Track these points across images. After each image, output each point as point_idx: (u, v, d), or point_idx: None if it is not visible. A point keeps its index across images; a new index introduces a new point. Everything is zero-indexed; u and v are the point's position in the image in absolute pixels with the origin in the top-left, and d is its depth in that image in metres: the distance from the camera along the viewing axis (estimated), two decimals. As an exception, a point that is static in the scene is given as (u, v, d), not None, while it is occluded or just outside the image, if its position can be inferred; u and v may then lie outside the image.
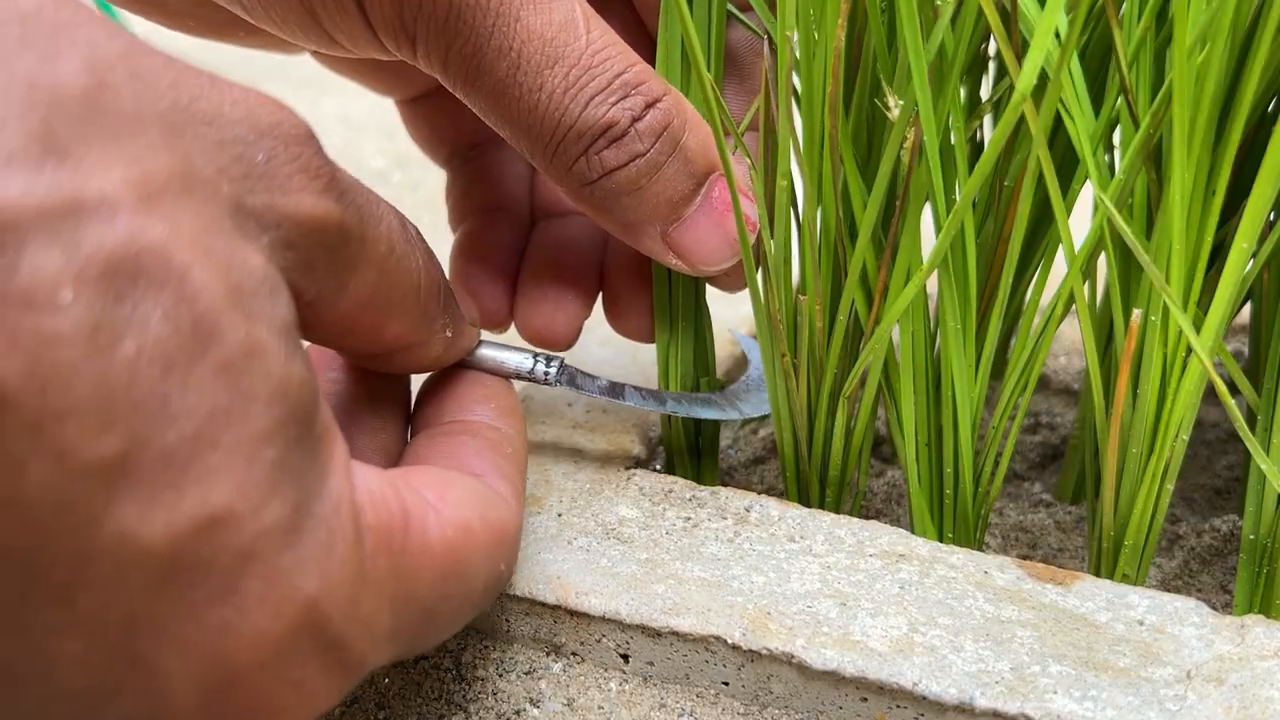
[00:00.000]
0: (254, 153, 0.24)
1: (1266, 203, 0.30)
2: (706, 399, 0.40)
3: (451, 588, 0.28)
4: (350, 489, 0.25)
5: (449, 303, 0.33)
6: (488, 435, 0.34)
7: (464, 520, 0.28)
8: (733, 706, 0.34)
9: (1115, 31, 0.31)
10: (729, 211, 0.35)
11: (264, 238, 0.24)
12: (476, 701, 0.35)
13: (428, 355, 0.33)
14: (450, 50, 0.32)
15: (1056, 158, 0.38)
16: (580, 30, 0.32)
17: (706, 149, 0.35)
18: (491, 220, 0.42)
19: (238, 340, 0.22)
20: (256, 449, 0.22)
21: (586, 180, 0.34)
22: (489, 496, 0.30)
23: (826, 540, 0.37)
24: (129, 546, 0.21)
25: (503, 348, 0.37)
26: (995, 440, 0.37)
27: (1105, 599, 0.34)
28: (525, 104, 0.33)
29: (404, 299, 0.30)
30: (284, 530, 0.23)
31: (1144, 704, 0.30)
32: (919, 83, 0.31)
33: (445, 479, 0.29)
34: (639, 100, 0.33)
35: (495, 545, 0.29)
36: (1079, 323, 0.34)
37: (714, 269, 0.36)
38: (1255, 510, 0.35)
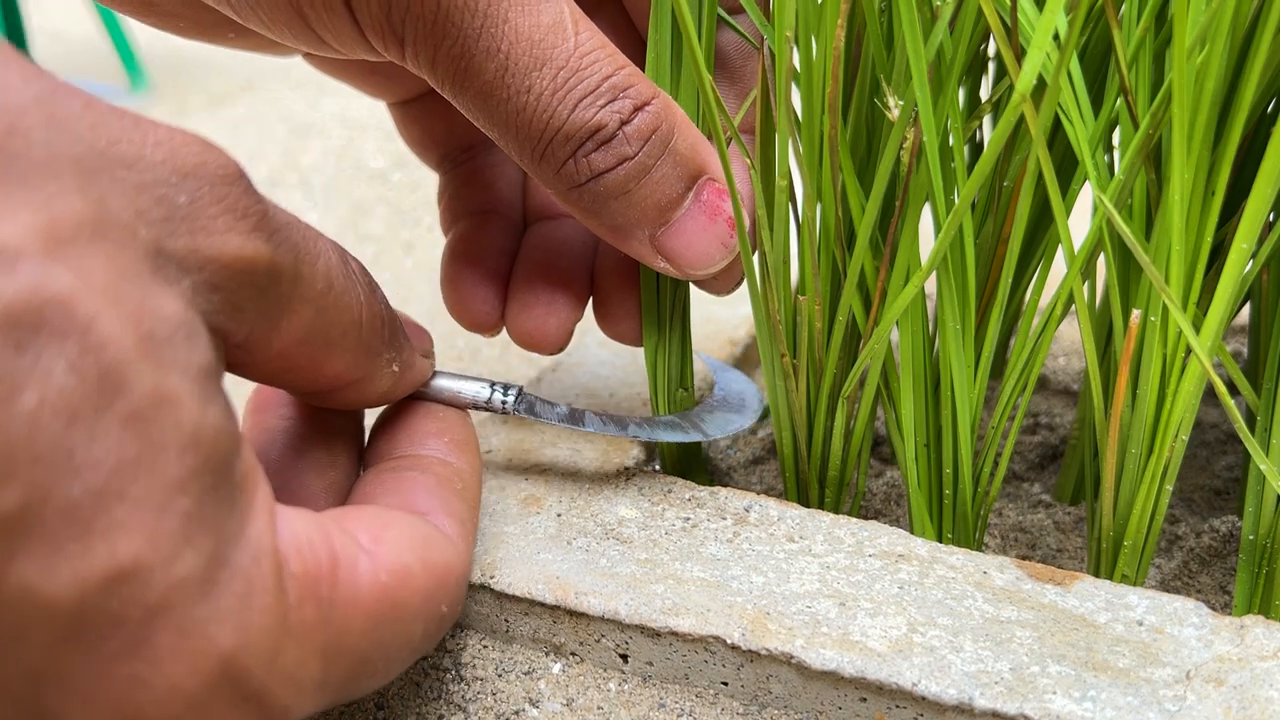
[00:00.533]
0: (176, 195, 0.24)
1: (1266, 203, 0.30)
2: (670, 422, 0.40)
3: (386, 634, 0.27)
4: (272, 536, 0.24)
5: (395, 337, 0.33)
6: (437, 471, 0.33)
7: (400, 563, 0.27)
8: (732, 707, 0.34)
9: (1115, 32, 0.31)
10: (718, 215, 0.35)
11: (185, 281, 0.24)
12: (476, 701, 0.35)
13: (374, 390, 0.33)
14: (438, 51, 0.32)
15: (1056, 158, 0.38)
16: (569, 32, 0.32)
17: (696, 152, 0.35)
18: (483, 223, 0.42)
19: (147, 390, 0.21)
20: (168, 499, 0.22)
21: (575, 183, 0.34)
22: (431, 536, 0.29)
23: (826, 540, 0.37)
24: (32, 601, 0.20)
25: (459, 378, 0.37)
26: (994, 441, 0.37)
27: (1104, 599, 0.34)
28: (513, 106, 0.33)
29: (344, 335, 0.30)
30: (198, 581, 0.22)
31: (1143, 704, 0.30)
32: (919, 83, 0.31)
33: (383, 520, 0.29)
34: (627, 103, 0.33)
35: (436, 588, 0.28)
36: (1078, 323, 0.34)
37: (702, 273, 0.36)
38: (1254, 511, 0.35)
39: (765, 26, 0.34)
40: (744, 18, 0.37)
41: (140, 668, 0.22)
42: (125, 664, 0.22)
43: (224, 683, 0.23)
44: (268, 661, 0.24)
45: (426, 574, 0.28)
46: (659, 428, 0.39)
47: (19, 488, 0.20)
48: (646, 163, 0.34)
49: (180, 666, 0.22)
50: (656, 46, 0.36)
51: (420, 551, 0.28)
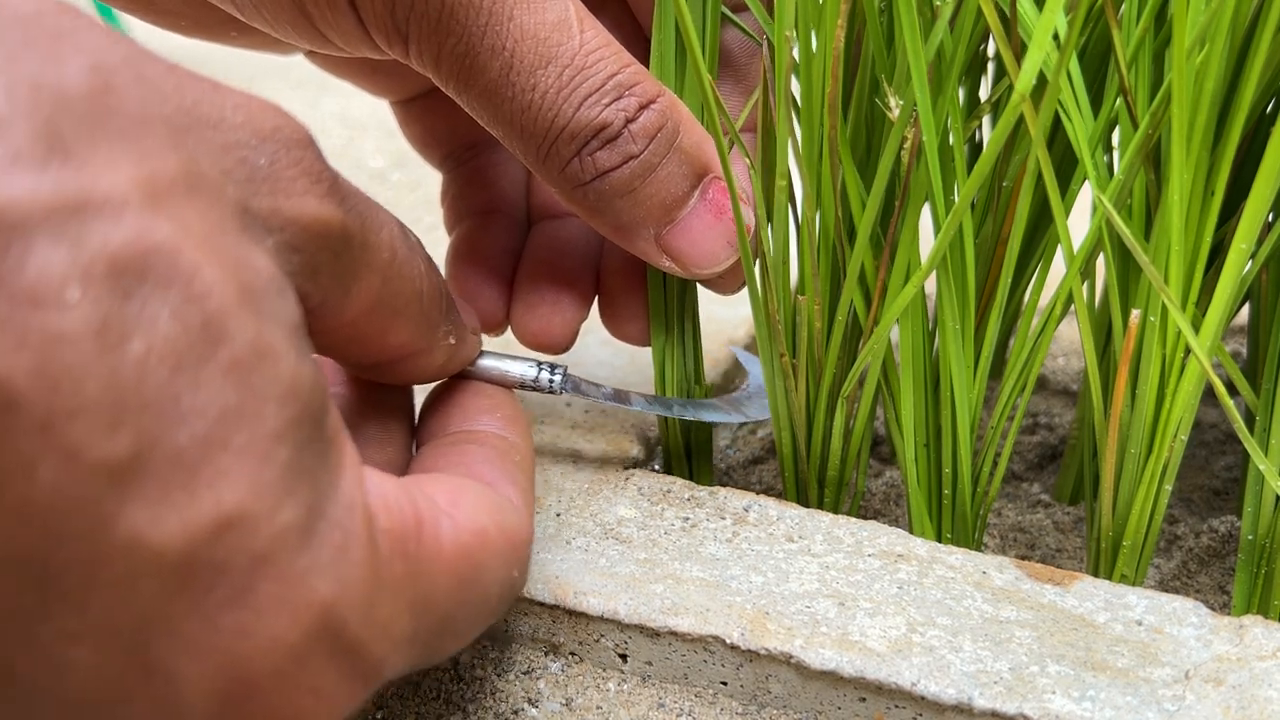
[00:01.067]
0: (257, 156, 0.24)
1: (1265, 203, 0.30)
2: (712, 404, 0.40)
3: (468, 593, 0.27)
4: (363, 492, 0.25)
5: (451, 310, 0.33)
6: (495, 444, 0.33)
7: (478, 525, 0.28)
8: (731, 706, 0.34)
9: (1114, 32, 0.31)
10: (723, 214, 0.35)
11: (269, 240, 0.24)
12: (475, 701, 0.35)
13: (431, 364, 0.33)
14: (442, 49, 0.32)
15: (1055, 158, 0.38)
16: (574, 30, 0.32)
17: (701, 151, 0.35)
18: (487, 222, 0.42)
19: (248, 340, 0.22)
20: (269, 449, 0.22)
21: (580, 182, 0.34)
22: (501, 503, 0.30)
23: (825, 540, 0.37)
24: (141, 550, 0.20)
25: (506, 357, 0.37)
26: (994, 440, 0.37)
27: (1104, 599, 0.34)
28: (518, 104, 0.33)
29: (407, 305, 0.30)
30: (298, 532, 0.22)
31: (1142, 704, 0.30)
32: (918, 83, 0.31)
33: (457, 485, 0.29)
34: (633, 101, 0.33)
35: (509, 551, 0.29)
36: (1078, 323, 0.34)
37: (708, 272, 0.36)
38: (1254, 511, 0.35)
39: (768, 24, 0.34)
40: (750, 15, 0.37)
41: (245, 617, 0.22)
42: (231, 613, 0.22)
43: (323, 634, 0.23)
44: (363, 614, 0.24)
45: (501, 538, 0.29)
46: (703, 409, 0.40)
47: (129, 434, 0.20)
48: (652, 161, 0.34)
49: (283, 617, 0.22)
50: (660, 45, 0.36)
51: (494, 516, 0.29)
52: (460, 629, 0.28)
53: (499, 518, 0.29)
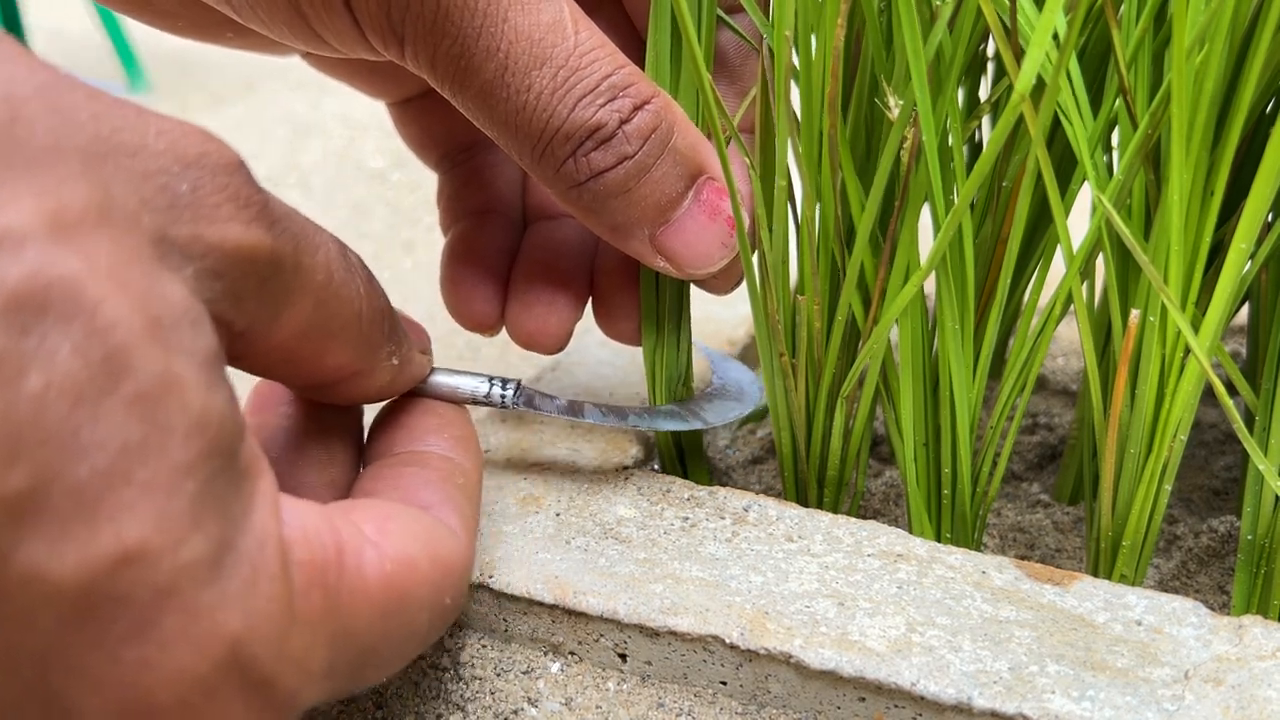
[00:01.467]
0: (179, 183, 0.24)
1: (1265, 203, 0.30)
2: (669, 411, 0.40)
3: (392, 624, 0.27)
4: (277, 524, 0.24)
5: (394, 331, 0.33)
6: (438, 466, 0.33)
7: (405, 554, 0.27)
8: (730, 706, 0.34)
9: (1114, 32, 0.31)
10: (717, 214, 0.35)
11: (188, 268, 0.24)
12: (474, 701, 0.35)
13: (373, 384, 0.33)
14: (438, 50, 0.32)
15: (1055, 158, 0.38)
16: (568, 31, 0.32)
17: (696, 151, 0.35)
18: (483, 223, 0.42)
19: (153, 373, 0.21)
20: (175, 483, 0.22)
21: (575, 182, 0.34)
22: (435, 529, 0.29)
23: (824, 540, 0.37)
24: (39, 584, 0.20)
25: (456, 373, 0.36)
26: (993, 440, 0.37)
27: (1103, 599, 0.34)
28: (513, 105, 0.33)
29: (344, 328, 0.30)
30: (205, 565, 0.22)
31: (1142, 704, 0.30)
32: (918, 83, 0.31)
33: (387, 511, 0.29)
34: (627, 102, 0.33)
35: (440, 579, 0.28)
36: (1077, 323, 0.34)
37: (702, 272, 0.36)
38: (1253, 511, 0.35)
39: (765, 25, 0.34)
40: (743, 17, 0.37)
41: (148, 650, 0.22)
42: (133, 647, 0.22)
43: (232, 667, 0.23)
44: (275, 647, 0.24)
45: (431, 565, 0.28)
46: (659, 417, 0.39)
47: (26, 468, 0.20)
48: (646, 161, 0.34)
49: (188, 650, 0.22)
50: (656, 46, 0.36)
51: (424, 543, 0.28)
52: (384, 659, 0.28)
53: (431, 545, 0.28)
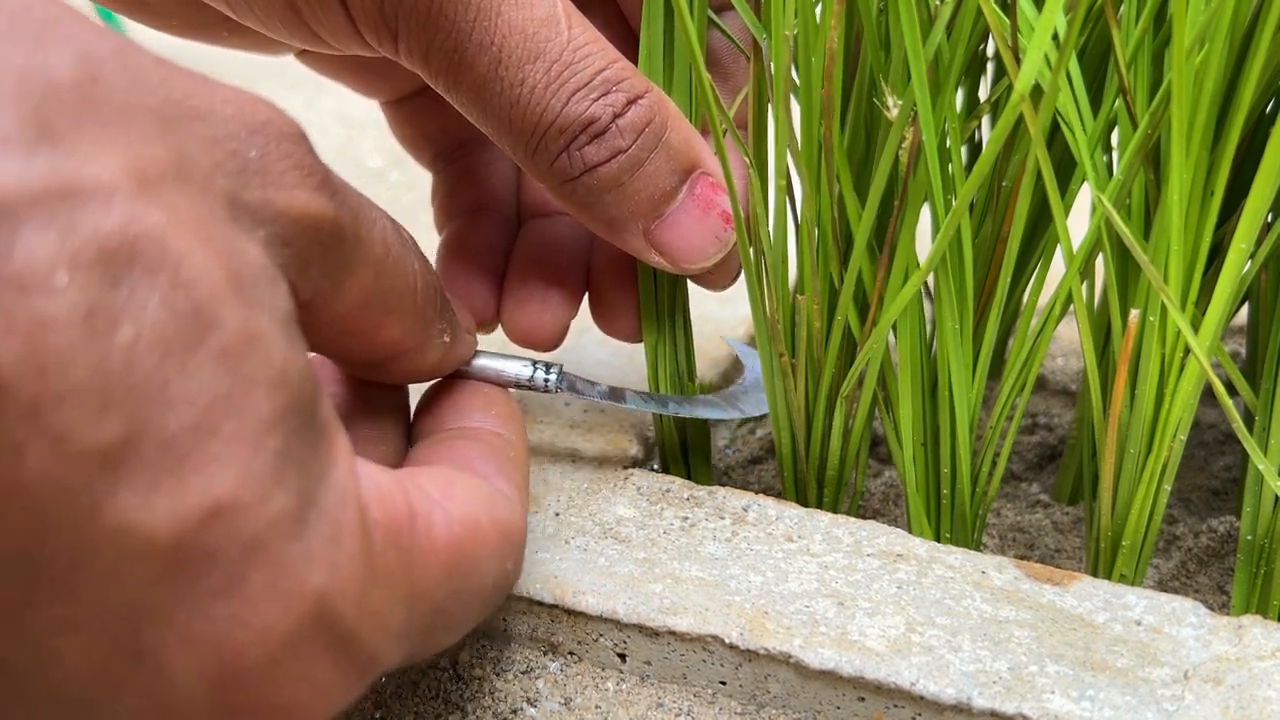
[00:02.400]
0: (247, 149, 0.24)
1: (1265, 203, 0.30)
2: (707, 400, 0.40)
3: (461, 585, 0.27)
4: (355, 483, 0.24)
5: (446, 309, 0.33)
6: (489, 440, 0.33)
7: (471, 517, 0.28)
8: (730, 706, 0.34)
9: (1114, 32, 0.31)
10: (711, 208, 0.35)
11: (260, 232, 0.24)
12: (474, 701, 0.35)
13: (425, 362, 0.33)
14: (431, 45, 0.32)
15: (1054, 158, 0.38)
16: (562, 26, 0.32)
17: (689, 146, 0.35)
18: (477, 220, 0.42)
19: (237, 326, 0.22)
20: (260, 437, 0.22)
21: (568, 176, 0.34)
22: (495, 495, 0.30)
23: (824, 540, 0.37)
24: (131, 536, 0.20)
25: (500, 357, 0.37)
26: (993, 441, 0.37)
27: (1103, 599, 0.34)
28: (506, 99, 0.33)
29: (400, 302, 0.30)
30: (290, 521, 0.22)
31: (1141, 704, 0.30)
32: (918, 83, 0.31)
33: (450, 478, 0.29)
34: (620, 96, 0.33)
35: (503, 543, 0.29)
36: (1077, 323, 0.34)
37: (697, 267, 0.36)
38: (1253, 511, 0.35)
39: (757, 26, 0.34)
40: (731, 17, 0.37)
41: (237, 606, 0.22)
42: (222, 602, 0.22)
43: (317, 624, 0.23)
44: (358, 604, 0.24)
45: (495, 529, 0.28)
46: (699, 405, 0.40)
47: (118, 420, 0.20)
48: (640, 155, 0.34)
49: (275, 605, 0.22)
50: (649, 43, 0.36)
51: (487, 508, 0.29)
52: (454, 621, 0.28)
53: (492, 510, 0.29)
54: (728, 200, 0.36)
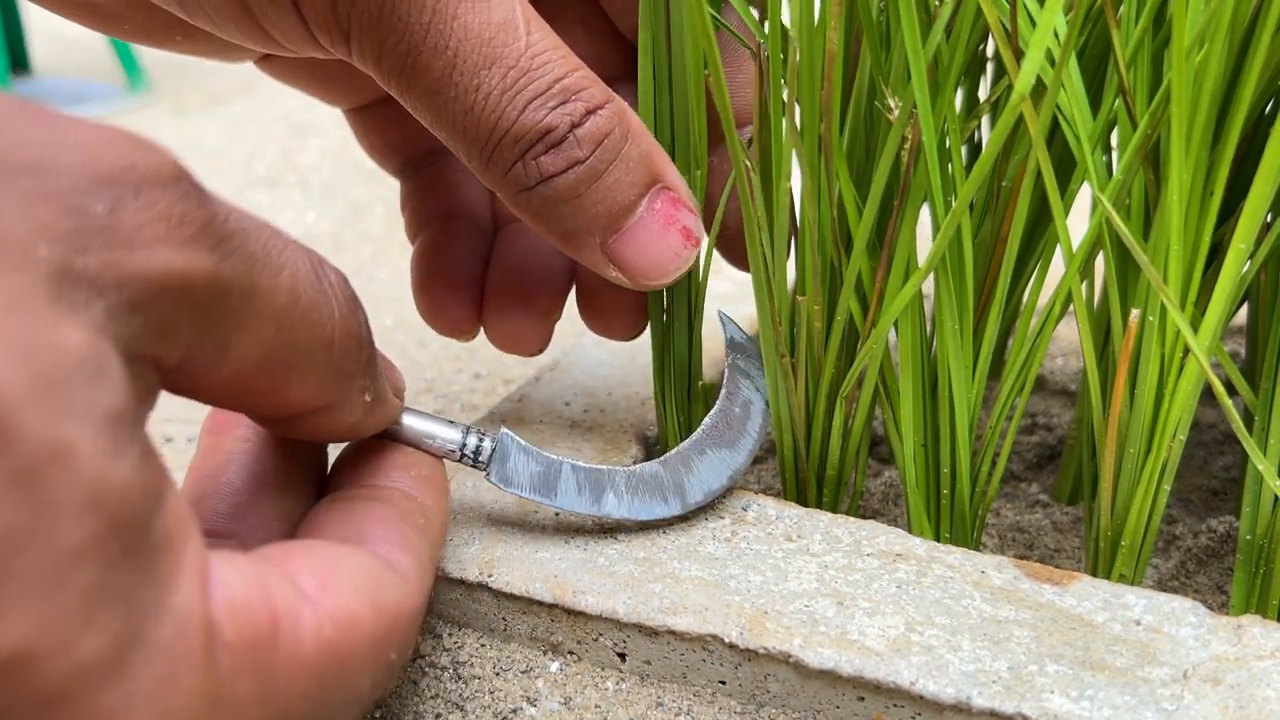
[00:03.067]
0: (92, 204, 0.21)
1: (1264, 203, 0.30)
2: (651, 482, 0.37)
3: (331, 690, 0.24)
4: (202, 602, 0.22)
5: (370, 364, 0.30)
6: (398, 503, 0.31)
7: (348, 612, 0.25)
8: (730, 705, 0.34)
9: (1113, 32, 0.31)
10: (672, 224, 0.35)
11: (97, 305, 0.21)
12: (473, 700, 0.35)
13: (343, 420, 0.30)
14: (384, 47, 0.31)
15: (1054, 158, 0.38)
16: (520, 31, 0.32)
17: (650, 159, 0.34)
18: (451, 228, 0.41)
19: (39, 440, 0.19)
20: (63, 572, 0.19)
21: (523, 186, 0.33)
22: (382, 576, 0.27)
23: (824, 539, 0.37)
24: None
25: (431, 419, 0.34)
26: (992, 440, 0.37)
27: (1102, 599, 0.34)
28: (461, 105, 0.32)
29: (310, 357, 0.27)
30: (105, 666, 0.20)
31: (1141, 704, 0.30)
32: (918, 83, 0.31)
33: (331, 560, 0.26)
34: (579, 106, 0.32)
35: (385, 633, 0.26)
36: (1077, 323, 0.34)
37: (655, 282, 0.35)
38: (1252, 511, 0.35)
39: (757, 27, 0.34)
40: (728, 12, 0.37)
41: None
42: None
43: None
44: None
45: (376, 619, 0.26)
46: (638, 495, 0.37)
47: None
48: (598, 167, 0.33)
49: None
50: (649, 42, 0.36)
51: (370, 594, 0.26)
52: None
53: (376, 595, 0.26)
54: (690, 216, 0.35)
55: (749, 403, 0.39)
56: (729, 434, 0.38)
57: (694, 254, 0.35)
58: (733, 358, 0.39)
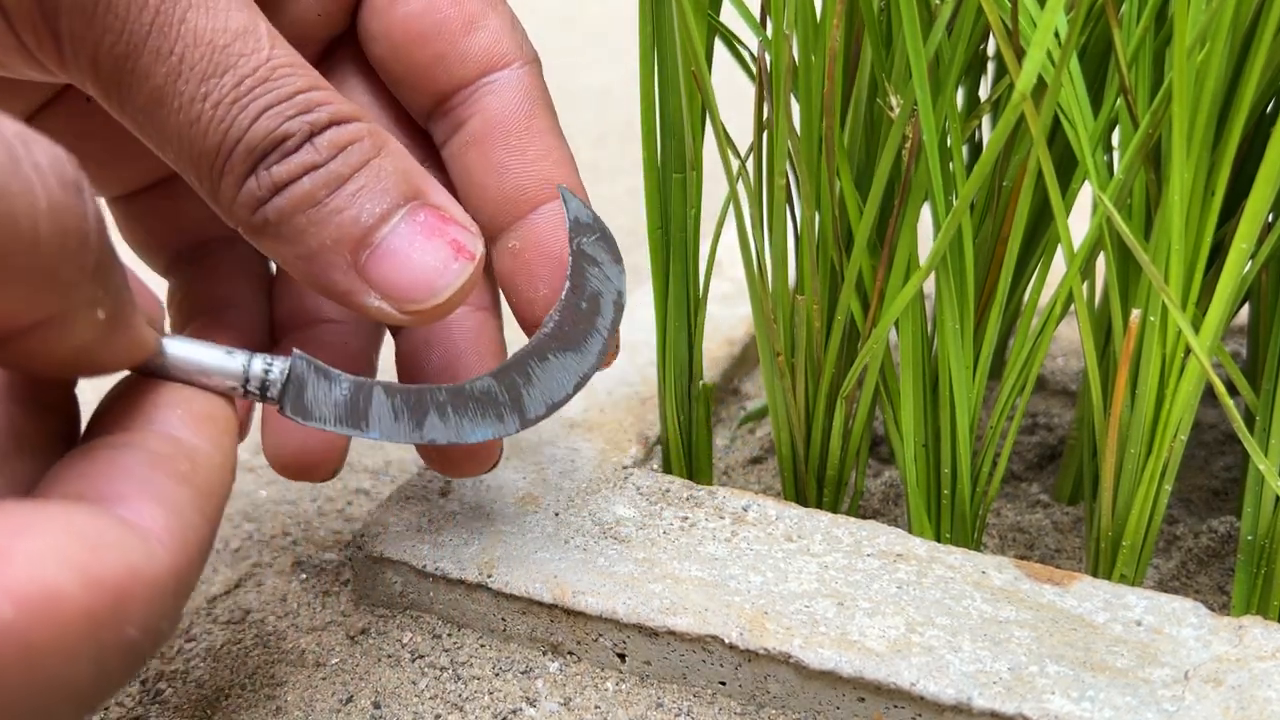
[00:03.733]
0: None
1: (1265, 203, 0.30)
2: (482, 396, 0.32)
3: (20, 687, 0.20)
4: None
5: (105, 273, 0.23)
6: (153, 447, 0.25)
7: (39, 583, 0.20)
8: (730, 706, 0.34)
9: (1115, 31, 0.31)
10: (437, 234, 0.30)
11: None
12: (473, 700, 0.35)
13: (65, 342, 0.23)
14: (100, 49, 0.27)
15: (1055, 157, 0.38)
16: (263, 42, 0.28)
17: (409, 177, 0.30)
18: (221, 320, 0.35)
19: None
20: None
21: (257, 202, 0.29)
22: (103, 535, 0.22)
23: (824, 540, 0.37)
24: None
25: (203, 346, 0.28)
26: (993, 441, 0.37)
27: (1103, 599, 0.34)
28: (185, 116, 0.28)
29: (8, 256, 0.20)
30: None
31: (1142, 705, 0.30)
32: (919, 81, 0.31)
33: (20, 523, 0.21)
34: (323, 115, 0.29)
35: (110, 608, 0.21)
36: (1078, 322, 0.34)
37: (424, 307, 0.30)
38: (1253, 511, 0.35)
39: (757, 27, 0.34)
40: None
41: None
42: None
43: None
44: None
45: (88, 591, 0.21)
46: (467, 413, 0.31)
47: None
48: (341, 171, 0.29)
49: None
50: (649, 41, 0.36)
51: (79, 561, 0.21)
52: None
53: (91, 562, 0.21)
54: (463, 232, 0.30)
55: (597, 295, 0.33)
56: (574, 333, 0.33)
57: (468, 271, 0.30)
58: (578, 242, 0.33)
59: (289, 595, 0.40)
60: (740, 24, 0.38)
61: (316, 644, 0.37)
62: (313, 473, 0.34)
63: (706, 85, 0.33)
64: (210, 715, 0.35)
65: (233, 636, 0.38)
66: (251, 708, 0.35)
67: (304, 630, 0.38)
